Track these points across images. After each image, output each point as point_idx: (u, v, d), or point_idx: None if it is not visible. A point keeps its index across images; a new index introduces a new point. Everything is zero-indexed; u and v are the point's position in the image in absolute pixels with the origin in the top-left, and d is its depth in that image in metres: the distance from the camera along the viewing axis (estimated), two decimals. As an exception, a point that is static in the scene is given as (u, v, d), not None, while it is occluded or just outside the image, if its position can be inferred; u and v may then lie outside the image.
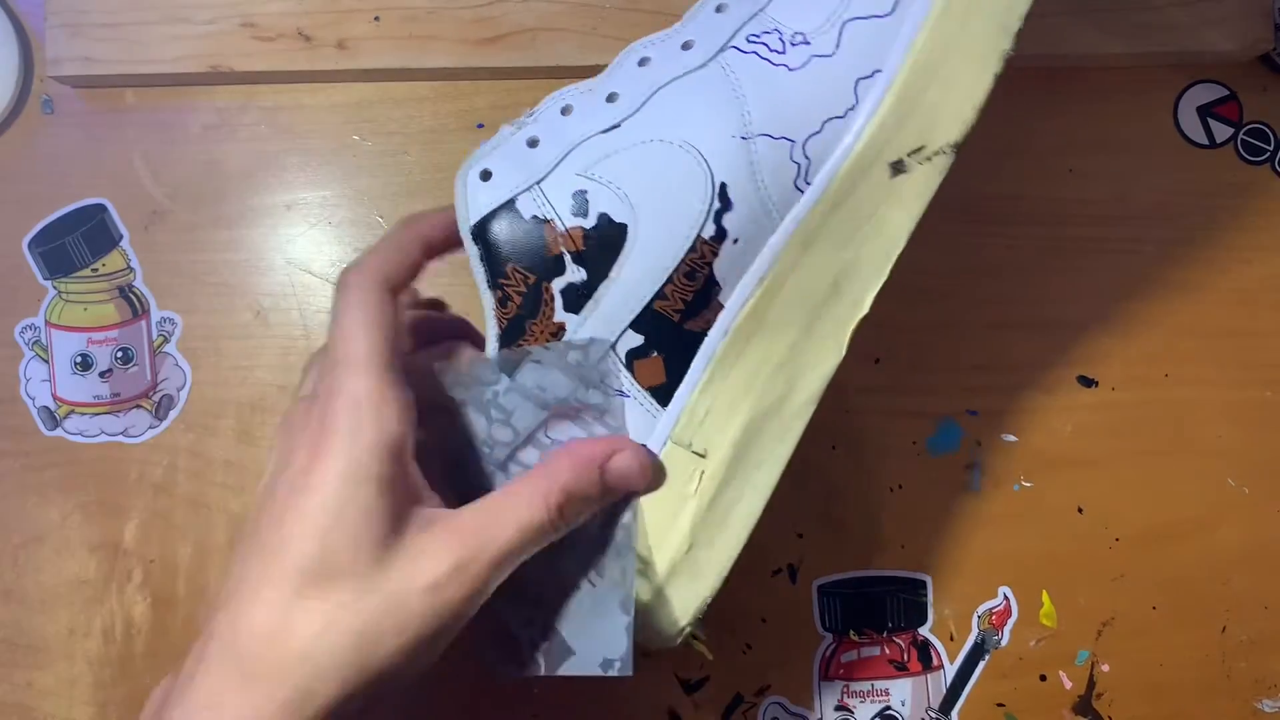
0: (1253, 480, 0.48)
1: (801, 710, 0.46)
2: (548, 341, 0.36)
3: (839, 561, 0.47)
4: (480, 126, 0.48)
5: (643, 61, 0.37)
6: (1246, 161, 0.49)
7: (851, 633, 0.47)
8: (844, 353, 0.37)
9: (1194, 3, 0.47)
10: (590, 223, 0.36)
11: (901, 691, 0.47)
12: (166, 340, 0.47)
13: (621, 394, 0.36)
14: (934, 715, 0.47)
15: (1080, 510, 0.48)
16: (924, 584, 0.47)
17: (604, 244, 0.36)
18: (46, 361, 0.47)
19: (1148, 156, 0.49)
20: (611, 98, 0.37)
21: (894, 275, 0.48)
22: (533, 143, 0.37)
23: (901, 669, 0.47)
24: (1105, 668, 0.47)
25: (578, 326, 0.36)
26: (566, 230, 0.36)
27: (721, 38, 0.36)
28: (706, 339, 0.37)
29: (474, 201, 0.37)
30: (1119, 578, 0.47)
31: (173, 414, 0.47)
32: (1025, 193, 0.48)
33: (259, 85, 0.48)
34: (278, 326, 0.47)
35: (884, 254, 0.36)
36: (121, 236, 0.47)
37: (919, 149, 0.35)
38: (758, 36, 0.36)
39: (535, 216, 0.36)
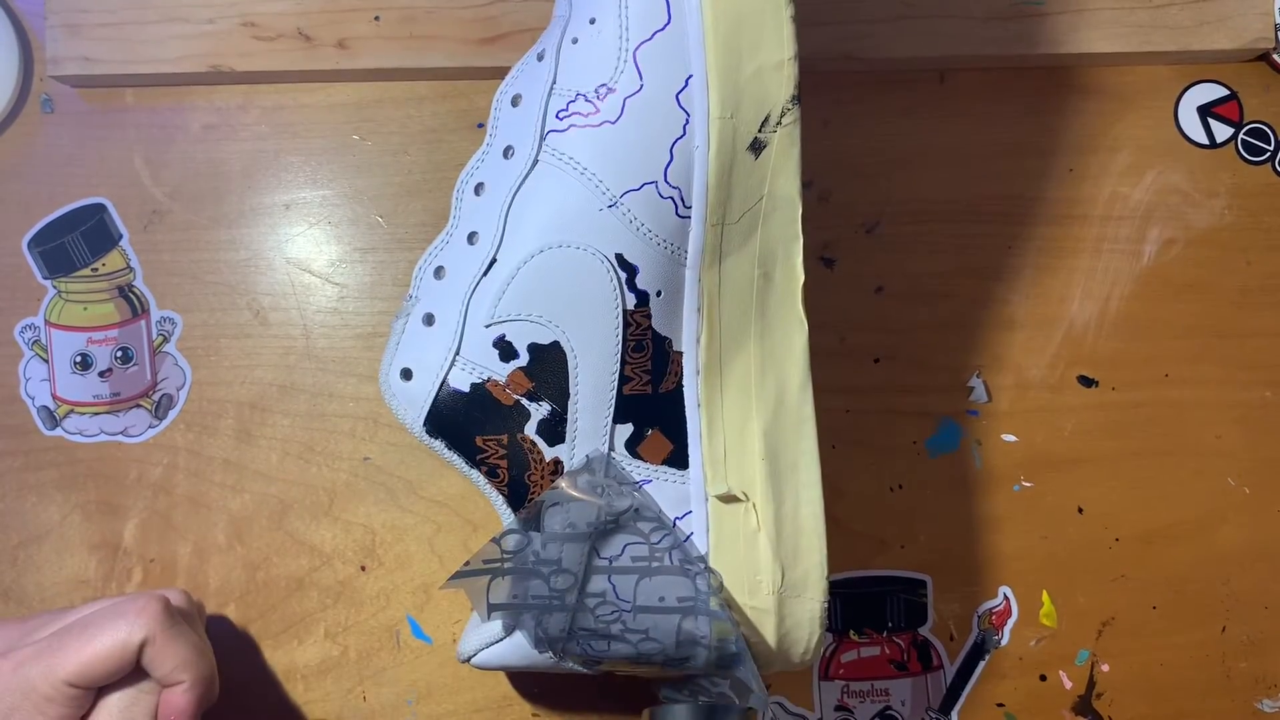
0: (1253, 480, 0.48)
1: (801, 710, 0.46)
2: (552, 483, 0.36)
3: (839, 561, 0.46)
4: (480, 126, 0.48)
5: (479, 189, 0.38)
6: (1246, 161, 0.49)
7: (851, 633, 0.47)
8: (806, 324, 0.37)
9: (1194, 3, 0.47)
10: (524, 360, 0.36)
11: (901, 691, 0.47)
12: (166, 340, 0.47)
13: (644, 482, 0.37)
14: (934, 715, 0.47)
15: (1080, 510, 0.48)
16: (924, 584, 0.47)
17: (548, 370, 0.36)
18: (46, 361, 0.47)
19: (1147, 156, 0.49)
20: (471, 238, 0.37)
21: (892, 272, 0.49)
22: (428, 320, 0.38)
23: (901, 669, 0.47)
24: (1105, 668, 0.47)
25: (570, 453, 0.36)
26: (508, 378, 0.36)
27: (533, 129, 0.36)
28: (685, 390, 0.37)
29: (411, 401, 0.37)
30: (1119, 578, 0.47)
31: (172, 413, 0.47)
32: (1025, 193, 0.48)
33: (259, 85, 0.48)
34: (277, 326, 0.47)
35: (789, 220, 0.36)
36: (121, 236, 0.47)
37: (765, 120, 0.35)
38: (565, 111, 0.36)
39: (473, 384, 0.37)
